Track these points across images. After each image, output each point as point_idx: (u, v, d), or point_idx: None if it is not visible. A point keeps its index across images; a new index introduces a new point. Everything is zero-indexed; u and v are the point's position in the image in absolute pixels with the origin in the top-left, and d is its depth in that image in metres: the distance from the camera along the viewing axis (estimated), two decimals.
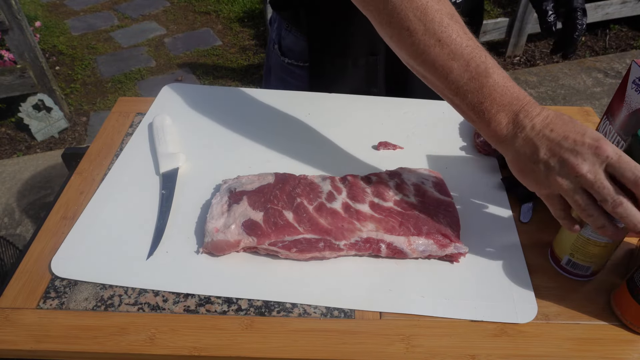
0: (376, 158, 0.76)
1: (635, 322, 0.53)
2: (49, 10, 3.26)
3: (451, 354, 0.51)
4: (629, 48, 2.85)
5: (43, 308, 0.55)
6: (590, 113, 0.87)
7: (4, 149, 2.20)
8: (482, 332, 0.53)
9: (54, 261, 0.59)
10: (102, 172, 0.73)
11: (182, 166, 0.72)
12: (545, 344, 0.52)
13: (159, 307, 0.55)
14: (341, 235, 0.59)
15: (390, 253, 0.59)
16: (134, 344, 0.51)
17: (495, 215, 0.67)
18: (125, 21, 3.17)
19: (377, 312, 0.55)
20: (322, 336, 0.52)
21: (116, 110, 0.85)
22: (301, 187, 0.64)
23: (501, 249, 0.62)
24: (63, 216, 0.65)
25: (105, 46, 2.92)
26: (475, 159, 0.76)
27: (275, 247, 0.58)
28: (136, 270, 0.58)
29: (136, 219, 0.64)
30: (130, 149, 0.76)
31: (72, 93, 2.56)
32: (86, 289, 0.57)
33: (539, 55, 2.81)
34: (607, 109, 0.59)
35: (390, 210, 0.62)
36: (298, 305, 0.55)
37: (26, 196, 1.92)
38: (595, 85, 2.56)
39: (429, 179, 0.67)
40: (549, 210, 0.53)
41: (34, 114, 2.20)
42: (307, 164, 0.74)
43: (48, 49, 2.86)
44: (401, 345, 0.52)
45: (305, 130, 0.81)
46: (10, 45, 2.09)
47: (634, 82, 0.54)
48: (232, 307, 0.55)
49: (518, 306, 0.55)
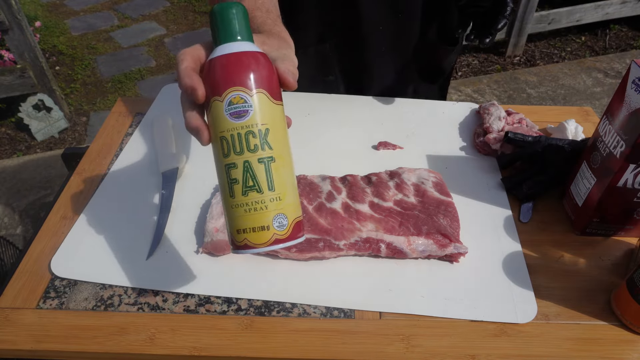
0: (376, 158, 0.76)
1: (635, 322, 0.53)
2: (49, 10, 3.26)
3: (451, 354, 0.51)
4: (629, 48, 2.85)
5: (43, 308, 0.55)
6: (590, 113, 0.87)
7: (4, 149, 2.20)
8: (482, 332, 0.53)
9: (53, 261, 0.59)
10: (102, 172, 0.73)
11: (182, 166, 0.72)
12: (545, 344, 0.52)
13: (158, 307, 0.55)
14: (341, 235, 0.59)
15: (390, 253, 0.59)
16: (133, 344, 0.51)
17: (495, 215, 0.67)
18: (125, 21, 3.16)
19: (377, 312, 0.55)
20: (322, 336, 0.52)
21: (116, 110, 0.85)
22: (301, 187, 0.64)
23: (501, 249, 0.62)
24: (63, 216, 0.65)
25: (105, 46, 2.92)
26: (475, 159, 0.76)
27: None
28: (136, 270, 0.58)
29: (136, 219, 0.64)
30: (130, 149, 0.76)
31: (72, 93, 2.55)
32: (86, 289, 0.57)
33: (539, 55, 2.81)
34: (607, 109, 0.59)
35: (390, 210, 0.62)
36: (298, 305, 0.55)
37: (26, 196, 1.91)
38: (595, 85, 2.56)
39: (429, 179, 0.67)
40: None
41: (34, 114, 2.20)
42: (307, 163, 0.74)
43: (48, 49, 2.86)
44: (401, 345, 0.52)
45: (305, 130, 0.80)
46: (10, 45, 2.09)
47: (633, 82, 0.54)
48: (232, 307, 0.55)
49: (518, 306, 0.55)
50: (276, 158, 0.41)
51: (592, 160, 0.61)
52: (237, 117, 0.39)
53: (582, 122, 0.83)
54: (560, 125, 0.79)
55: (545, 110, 0.88)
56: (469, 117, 0.85)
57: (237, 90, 0.39)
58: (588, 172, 0.62)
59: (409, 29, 0.83)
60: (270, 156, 0.40)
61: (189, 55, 0.42)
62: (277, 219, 0.40)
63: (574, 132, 0.77)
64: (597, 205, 0.60)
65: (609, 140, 0.58)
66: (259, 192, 0.40)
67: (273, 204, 0.40)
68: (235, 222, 0.41)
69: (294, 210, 0.42)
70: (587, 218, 0.62)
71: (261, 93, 0.40)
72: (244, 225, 0.40)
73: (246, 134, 0.39)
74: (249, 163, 0.40)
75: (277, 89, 0.42)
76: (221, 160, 0.41)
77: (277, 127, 0.41)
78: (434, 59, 0.90)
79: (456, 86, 2.55)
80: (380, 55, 0.85)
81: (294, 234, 0.41)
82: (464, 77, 2.65)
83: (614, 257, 0.62)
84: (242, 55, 0.40)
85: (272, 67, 0.42)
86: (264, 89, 0.40)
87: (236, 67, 0.39)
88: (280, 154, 0.41)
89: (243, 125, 0.39)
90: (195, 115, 0.41)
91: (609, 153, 0.57)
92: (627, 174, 0.56)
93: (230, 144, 0.40)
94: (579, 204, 0.63)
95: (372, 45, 0.84)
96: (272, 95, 0.41)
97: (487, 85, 2.56)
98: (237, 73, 0.39)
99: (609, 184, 0.57)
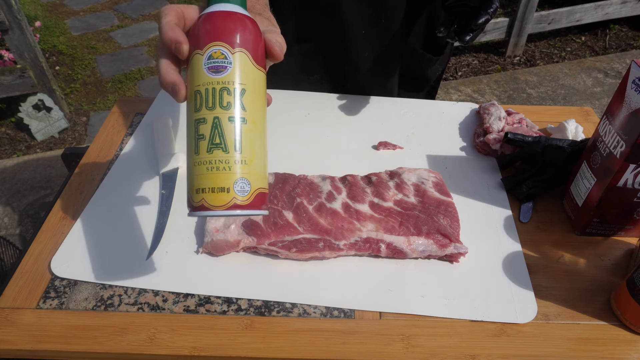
0: (376, 158, 0.76)
1: (635, 322, 0.53)
2: (49, 10, 3.26)
3: (451, 354, 0.51)
4: (629, 48, 2.85)
5: (43, 308, 0.55)
6: (590, 113, 0.87)
7: (4, 149, 2.20)
8: (482, 332, 0.53)
9: (53, 261, 0.59)
10: (102, 172, 0.73)
11: (182, 166, 0.72)
12: (545, 344, 0.52)
13: (158, 307, 0.55)
14: (341, 235, 0.59)
15: (390, 253, 0.59)
16: (133, 344, 0.51)
17: (495, 215, 0.67)
18: (125, 21, 3.16)
19: (377, 312, 0.55)
20: (322, 336, 0.52)
21: (116, 110, 0.85)
22: (301, 187, 0.64)
23: (501, 249, 0.62)
24: (63, 216, 0.65)
25: (105, 46, 2.92)
26: (475, 159, 0.76)
27: (275, 247, 0.58)
28: (136, 270, 0.58)
29: (136, 219, 0.64)
30: (130, 149, 0.76)
31: (72, 93, 2.55)
32: (86, 289, 0.57)
33: (539, 55, 2.81)
34: (607, 109, 0.59)
35: (390, 210, 0.62)
36: (298, 305, 0.55)
37: (26, 196, 1.91)
38: (595, 85, 2.56)
39: (429, 179, 0.67)
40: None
41: (34, 114, 2.20)
42: (307, 164, 0.74)
43: (48, 49, 2.86)
44: (401, 345, 0.52)
45: (305, 130, 0.81)
46: (10, 45, 2.09)
47: (633, 82, 0.54)
48: (232, 307, 0.55)
49: (518, 306, 0.55)
50: (248, 120, 0.39)
51: (592, 160, 0.61)
52: (215, 71, 0.38)
53: (582, 122, 0.83)
54: (560, 125, 0.79)
55: (545, 110, 0.88)
56: (469, 117, 0.85)
57: (219, 45, 0.39)
58: (588, 172, 0.62)
59: (392, 34, 0.82)
60: (242, 117, 0.39)
61: (173, 10, 0.41)
62: (239, 182, 0.39)
63: (574, 132, 0.77)
64: (597, 205, 0.60)
65: (609, 140, 0.58)
66: (224, 151, 0.38)
67: (237, 167, 0.38)
68: (195, 180, 0.39)
69: (259, 179, 0.40)
70: (587, 218, 0.62)
71: (243, 53, 0.39)
72: (203, 184, 0.39)
73: (221, 89, 0.38)
74: (218, 119, 0.38)
75: (262, 55, 0.41)
76: (192, 115, 0.40)
77: (254, 91, 0.40)
78: (418, 67, 0.90)
79: (456, 86, 2.56)
80: (363, 60, 0.85)
81: (255, 203, 0.39)
82: (464, 77, 2.65)
83: (614, 257, 0.62)
84: (231, 14, 0.40)
85: (259, 33, 0.41)
86: (247, 49, 0.39)
87: (222, 23, 0.39)
88: (253, 118, 0.40)
89: (219, 80, 0.38)
90: (172, 71, 0.40)
91: (609, 153, 0.57)
92: (627, 174, 0.56)
93: (204, 98, 0.39)
94: (579, 204, 0.63)
95: (356, 49, 0.83)
96: (255, 59, 0.40)
97: (487, 85, 2.56)
98: (222, 28, 0.39)
99: (609, 184, 0.57)
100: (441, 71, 0.94)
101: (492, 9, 0.63)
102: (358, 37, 0.81)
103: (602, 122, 0.60)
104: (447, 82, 2.60)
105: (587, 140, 0.68)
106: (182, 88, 0.40)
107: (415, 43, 0.87)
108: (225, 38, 0.39)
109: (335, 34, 0.81)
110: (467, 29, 0.64)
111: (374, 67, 0.86)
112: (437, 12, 0.83)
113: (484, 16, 0.63)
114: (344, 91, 0.90)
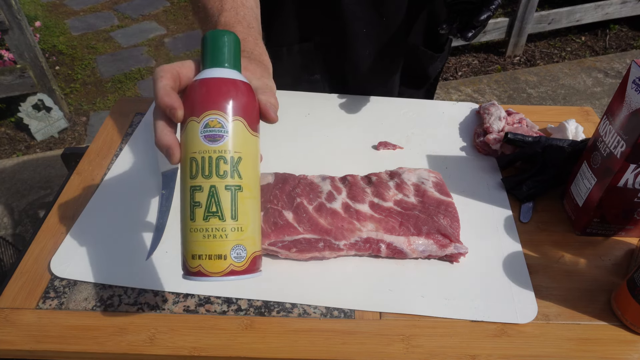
0: (376, 158, 0.76)
1: (635, 322, 0.53)
2: (49, 10, 3.26)
3: (451, 354, 0.51)
4: (629, 48, 2.85)
5: (42, 308, 0.55)
6: (590, 113, 0.87)
7: (4, 149, 2.20)
8: (482, 332, 0.53)
9: (53, 261, 0.59)
10: (102, 172, 0.72)
11: None
12: (545, 344, 0.52)
13: (158, 307, 0.55)
14: (341, 235, 0.59)
15: (390, 253, 0.59)
16: (133, 344, 0.51)
17: (495, 215, 0.67)
18: (125, 21, 3.16)
19: (377, 312, 0.55)
20: (322, 336, 0.52)
21: (116, 110, 0.85)
22: (301, 187, 0.64)
23: (501, 249, 0.62)
24: (63, 216, 0.65)
25: (105, 46, 2.92)
26: (475, 159, 0.76)
27: (275, 247, 0.58)
28: (136, 270, 0.58)
29: (136, 219, 0.64)
30: (130, 149, 0.76)
31: (72, 93, 2.55)
32: (86, 289, 0.56)
33: (539, 55, 2.81)
34: (607, 109, 0.59)
35: (390, 210, 0.62)
36: (298, 305, 0.55)
37: (26, 196, 1.91)
38: (595, 85, 2.56)
39: (429, 179, 0.67)
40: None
41: (34, 113, 2.20)
42: (307, 164, 0.74)
43: (48, 49, 2.86)
44: (401, 346, 0.52)
45: (305, 130, 0.80)
46: (10, 45, 2.09)
47: (634, 82, 0.54)
48: (232, 307, 0.55)
49: (518, 306, 0.55)
50: (244, 188, 0.40)
51: (592, 160, 0.61)
52: (212, 140, 0.39)
53: (582, 122, 0.83)
54: (561, 125, 0.79)
55: (545, 110, 0.88)
56: (469, 117, 0.85)
57: (216, 114, 0.39)
58: (588, 172, 0.62)
59: (393, 33, 0.83)
60: (238, 185, 0.40)
61: (168, 72, 0.41)
62: (235, 249, 0.40)
63: (574, 132, 0.77)
64: (598, 205, 0.60)
65: (609, 140, 0.58)
66: (221, 219, 0.39)
67: (233, 234, 0.39)
68: (191, 246, 0.40)
69: (253, 244, 0.41)
70: (587, 218, 0.62)
71: (239, 121, 0.40)
72: (200, 251, 0.39)
73: (217, 158, 0.39)
74: (215, 188, 0.39)
75: (256, 120, 0.42)
76: (187, 181, 0.40)
77: (249, 158, 0.41)
78: (419, 64, 0.90)
79: (456, 86, 2.55)
80: (364, 58, 0.85)
81: (251, 267, 0.41)
82: (464, 77, 2.65)
83: (614, 257, 0.62)
84: (227, 81, 0.40)
85: (254, 98, 0.42)
86: (243, 117, 0.40)
87: (219, 92, 0.39)
88: (249, 185, 0.41)
89: (216, 149, 0.39)
90: (168, 133, 0.40)
91: (610, 153, 0.57)
92: (628, 174, 0.56)
93: (200, 166, 0.39)
94: (580, 204, 0.63)
95: (356, 48, 0.83)
96: (250, 125, 0.41)
97: (487, 85, 2.56)
98: (219, 97, 0.39)
99: (609, 184, 0.57)
100: (441, 68, 0.95)
101: (494, 5, 0.63)
102: (359, 35, 0.82)
103: (602, 122, 0.60)
104: (447, 82, 2.60)
105: (587, 140, 0.68)
106: (176, 152, 0.40)
107: (416, 41, 0.87)
108: (222, 107, 0.39)
109: (336, 32, 0.81)
110: (469, 25, 0.65)
111: (375, 66, 0.86)
112: (437, 9, 0.84)
113: (486, 12, 0.63)
114: (344, 91, 0.90)
